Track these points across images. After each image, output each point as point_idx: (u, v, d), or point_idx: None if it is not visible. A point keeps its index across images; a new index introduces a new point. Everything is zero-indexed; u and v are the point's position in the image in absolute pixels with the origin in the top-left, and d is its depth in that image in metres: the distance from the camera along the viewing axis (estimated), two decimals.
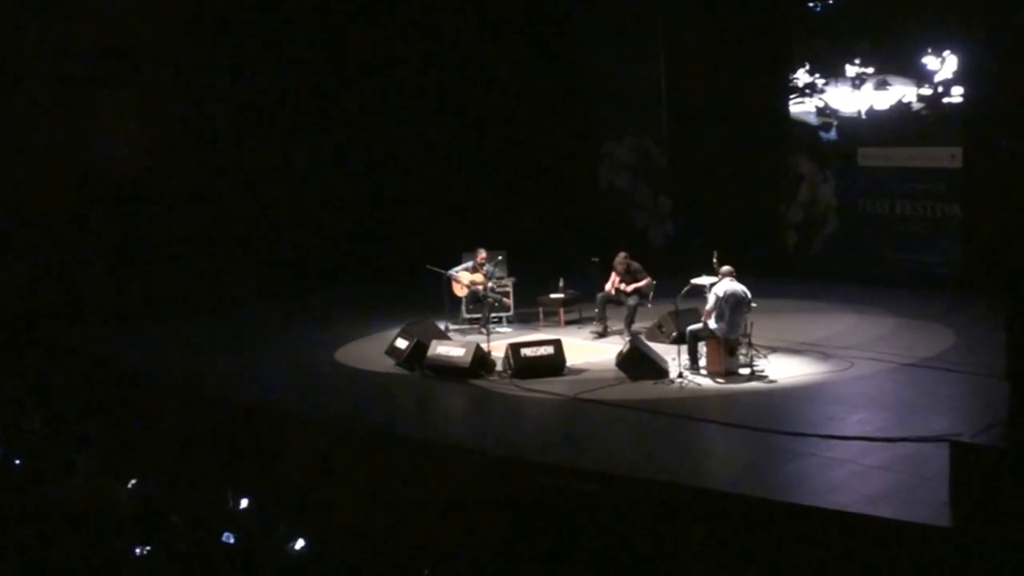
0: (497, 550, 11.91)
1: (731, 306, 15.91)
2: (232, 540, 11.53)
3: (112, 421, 16.17)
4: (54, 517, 11.75)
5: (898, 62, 21.80)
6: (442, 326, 18.81)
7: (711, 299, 16.14)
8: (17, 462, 13.35)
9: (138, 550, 11.17)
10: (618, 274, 18.88)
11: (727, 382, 15.80)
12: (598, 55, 26.30)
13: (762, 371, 16.08)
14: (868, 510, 10.81)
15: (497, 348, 17.21)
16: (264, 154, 24.35)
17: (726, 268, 16.35)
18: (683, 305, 17.14)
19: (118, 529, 11.59)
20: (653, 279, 18.84)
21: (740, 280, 16.33)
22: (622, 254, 19.06)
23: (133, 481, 12.60)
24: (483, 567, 11.43)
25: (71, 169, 22.30)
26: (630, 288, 18.70)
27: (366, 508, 13.25)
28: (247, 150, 24.17)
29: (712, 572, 11.18)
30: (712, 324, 15.96)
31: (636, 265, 18.90)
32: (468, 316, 19.88)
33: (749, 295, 16.15)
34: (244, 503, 12.39)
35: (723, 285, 16.12)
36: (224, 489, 12.69)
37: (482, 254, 19.73)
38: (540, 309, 20.16)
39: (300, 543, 11.38)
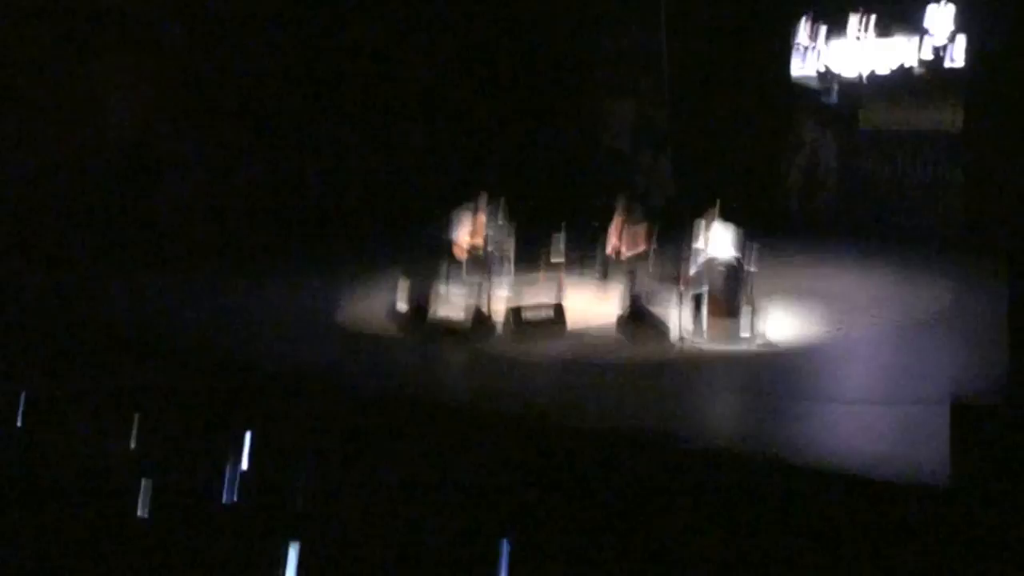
0: (498, 510, 11.92)
1: (718, 271, 15.87)
2: (233, 501, 11.55)
3: (112, 381, 16.17)
4: (53, 480, 11.77)
5: (900, 23, 21.75)
6: (442, 288, 18.81)
7: (695, 263, 16.14)
8: (19, 424, 13.37)
9: (138, 511, 11.19)
10: (618, 228, 18.87)
11: (727, 343, 15.80)
12: (600, 15, 26.23)
13: (762, 333, 16.07)
14: (868, 471, 10.82)
15: (497, 310, 17.19)
16: (267, 112, 24.35)
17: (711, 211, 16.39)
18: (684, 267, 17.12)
19: (117, 491, 11.61)
20: (652, 240, 18.88)
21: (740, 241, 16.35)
22: (621, 206, 19.06)
23: (132, 442, 12.63)
24: (484, 527, 11.44)
25: (73, 133, 22.31)
26: (631, 245, 18.71)
27: (366, 469, 13.26)
28: (251, 110, 24.17)
29: (712, 533, 11.19)
30: (714, 283, 15.93)
31: (639, 219, 18.90)
32: (468, 278, 19.87)
33: (736, 255, 16.08)
34: (244, 465, 12.41)
35: (710, 248, 16.13)
36: (224, 450, 12.71)
37: (482, 216, 19.72)
38: (540, 270, 20.17)
39: (299, 504, 11.40)
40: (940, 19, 21.09)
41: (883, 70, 21.96)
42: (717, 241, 16.31)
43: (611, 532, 11.29)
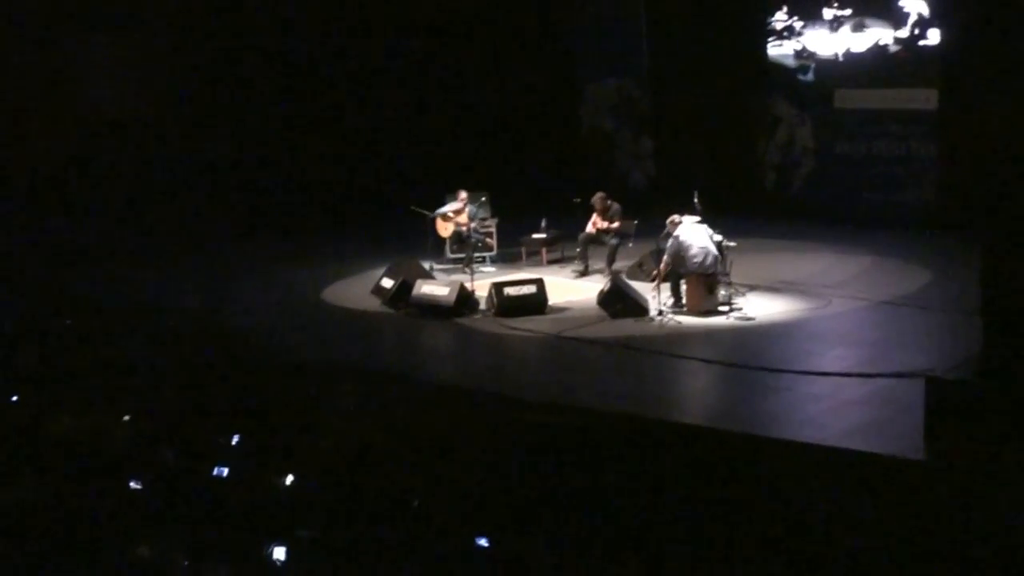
0: (482, 485, 12.11)
1: (697, 248, 16.09)
2: (224, 473, 11.73)
3: (103, 358, 16.29)
4: (50, 453, 11.93)
5: (875, 4, 21.96)
6: (426, 266, 18.99)
7: (672, 248, 16.32)
8: (14, 399, 13.50)
9: (132, 484, 11.36)
10: (598, 212, 19.08)
11: (706, 319, 16.04)
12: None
13: (741, 309, 16.31)
14: (844, 443, 11.05)
15: (481, 287, 17.39)
16: (254, 96, 24.44)
17: (674, 217, 16.54)
18: (664, 245, 17.27)
19: (112, 464, 11.77)
20: (633, 219, 19.06)
21: (718, 221, 16.52)
22: (600, 193, 19.27)
23: (127, 417, 12.78)
24: (468, 501, 11.64)
25: (65, 111, 22.40)
26: (611, 225, 18.91)
27: (353, 444, 13.43)
28: (238, 93, 24.25)
29: (692, 505, 11.41)
30: (690, 264, 16.11)
31: (615, 207, 19.08)
32: (452, 256, 20.05)
33: (715, 233, 16.30)
34: (235, 440, 12.56)
35: (685, 235, 16.30)
36: (214, 426, 12.87)
37: (463, 195, 19.90)
38: (523, 249, 20.34)
39: (289, 478, 11.57)
40: (911, 3, 21.30)
41: (858, 50, 22.18)
42: (696, 219, 16.51)
43: (594, 507, 11.54)
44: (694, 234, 16.22)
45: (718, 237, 16.45)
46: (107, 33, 22.90)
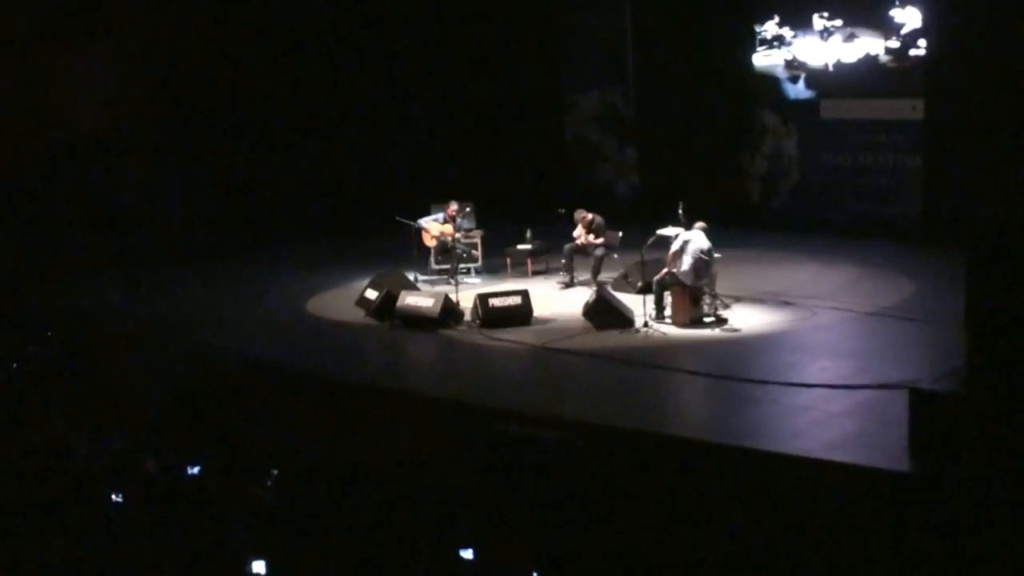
0: (466, 497, 12.09)
1: (682, 259, 16.10)
2: (196, 471, 11.73)
3: (83, 372, 16.25)
4: (29, 467, 11.89)
5: (866, 14, 21.95)
6: (411, 277, 18.94)
7: (677, 242, 16.31)
8: None
9: (113, 496, 11.33)
10: (583, 227, 19.04)
11: (691, 331, 16.00)
12: (565, 7, 26.40)
13: (726, 320, 16.28)
14: (829, 455, 11.02)
15: (466, 298, 17.35)
16: (235, 107, 24.38)
17: (700, 224, 16.56)
18: (649, 256, 17.28)
19: (93, 477, 11.73)
20: (618, 230, 19.03)
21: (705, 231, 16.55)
22: (581, 210, 19.18)
23: (107, 430, 12.75)
24: (452, 513, 11.62)
25: (41, 123, 22.34)
26: (596, 239, 18.88)
27: (336, 456, 13.40)
28: (218, 104, 24.19)
29: (676, 517, 11.40)
30: (682, 267, 16.09)
31: (599, 221, 19.04)
32: (437, 267, 20.00)
33: (699, 244, 16.31)
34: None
35: (689, 234, 16.31)
36: (196, 439, 12.85)
37: (453, 207, 19.84)
38: (508, 260, 20.31)
39: (271, 492, 11.55)
40: (903, 14, 21.30)
41: (849, 60, 22.18)
42: (681, 230, 16.51)
43: (579, 519, 11.51)
44: (684, 230, 16.28)
45: (718, 255, 16.48)
46: (84, 43, 22.82)
